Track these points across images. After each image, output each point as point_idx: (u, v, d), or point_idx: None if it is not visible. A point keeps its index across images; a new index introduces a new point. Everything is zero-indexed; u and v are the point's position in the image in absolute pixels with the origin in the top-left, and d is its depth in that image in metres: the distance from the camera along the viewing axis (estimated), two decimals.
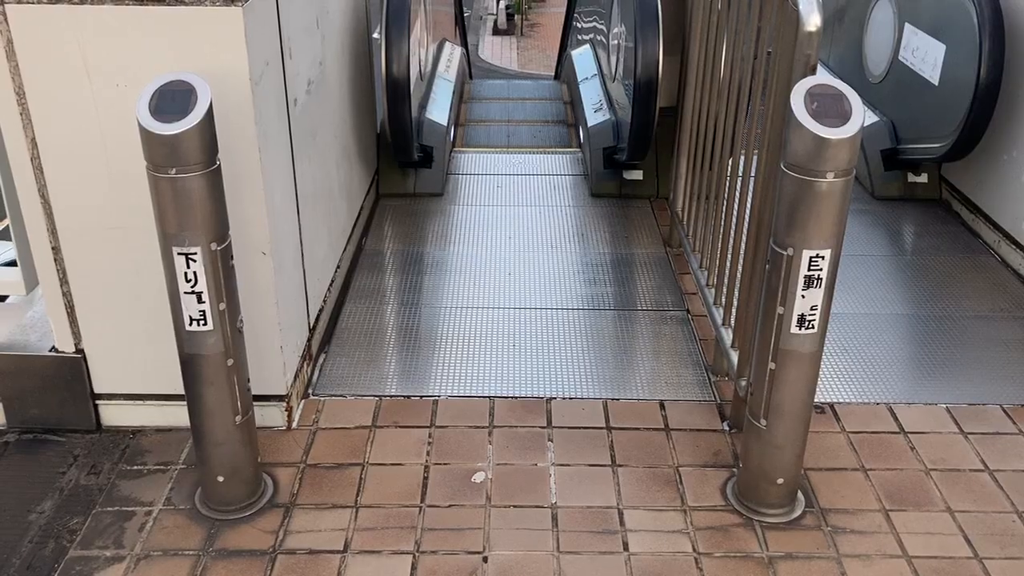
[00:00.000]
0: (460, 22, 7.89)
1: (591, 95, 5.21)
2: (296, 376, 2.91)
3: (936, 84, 4.23)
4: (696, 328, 3.45)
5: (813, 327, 2.30)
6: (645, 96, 3.83)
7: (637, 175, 4.57)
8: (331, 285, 3.46)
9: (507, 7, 34.93)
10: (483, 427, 2.88)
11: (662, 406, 2.99)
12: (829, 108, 2.13)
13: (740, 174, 2.97)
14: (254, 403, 2.55)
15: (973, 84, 3.84)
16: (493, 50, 34.52)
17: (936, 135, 4.20)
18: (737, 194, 2.98)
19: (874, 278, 3.81)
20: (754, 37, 2.84)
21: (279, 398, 2.82)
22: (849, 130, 2.10)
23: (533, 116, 5.90)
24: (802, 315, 2.28)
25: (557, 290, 3.70)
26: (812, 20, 2.26)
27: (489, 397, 3.02)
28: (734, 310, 2.98)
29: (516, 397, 3.02)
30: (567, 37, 8.09)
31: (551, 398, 3.02)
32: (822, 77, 2.19)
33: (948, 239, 4.16)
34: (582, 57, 5.95)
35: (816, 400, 3.01)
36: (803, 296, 2.25)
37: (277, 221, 2.68)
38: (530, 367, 3.18)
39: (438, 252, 4.01)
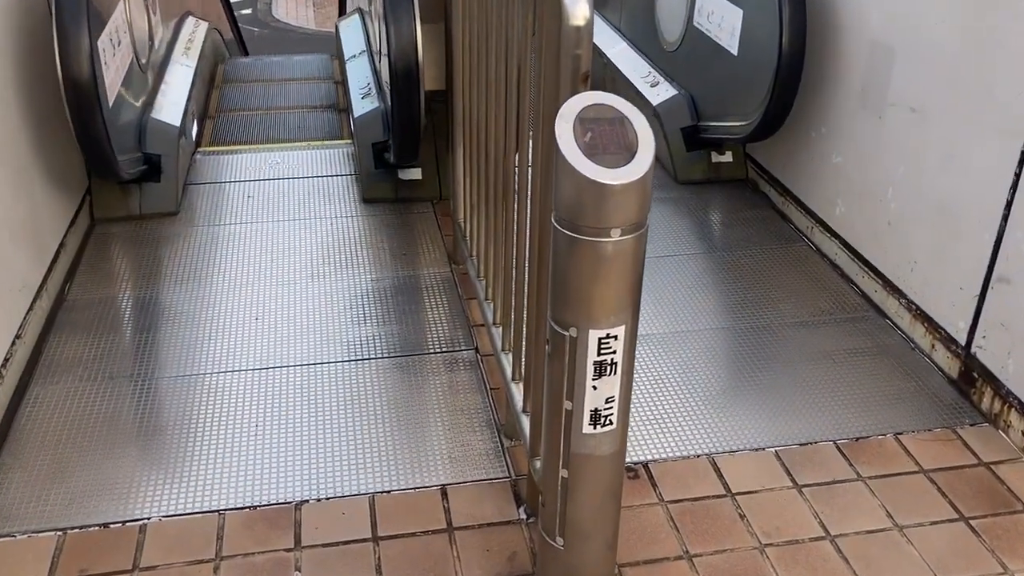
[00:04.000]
0: None
1: (358, 77, 4.47)
2: None
3: (735, 54, 3.79)
4: (486, 372, 2.85)
5: (611, 423, 1.74)
6: (405, 84, 3.15)
7: (415, 174, 3.90)
8: (5, 364, 2.62)
9: None
10: (207, 560, 2.17)
11: (444, 494, 2.39)
12: (608, 139, 1.54)
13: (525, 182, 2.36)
14: None
15: (776, 55, 3.41)
16: (288, 9, 32.55)
17: (739, 112, 3.77)
18: (518, 207, 2.37)
19: (682, 284, 3.34)
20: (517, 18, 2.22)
21: None
22: (637, 170, 1.52)
23: (298, 101, 5.10)
24: (596, 410, 1.71)
25: (316, 337, 3.00)
26: (579, 11, 1.65)
27: (218, 511, 2.31)
28: (523, 362, 2.40)
29: (255, 507, 2.33)
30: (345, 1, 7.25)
31: (302, 502, 2.35)
32: (597, 94, 1.60)
33: (759, 227, 3.77)
34: (349, 29, 5.17)
35: (626, 461, 2.49)
36: (595, 388, 1.68)
37: None
38: (274, 459, 2.48)
39: (166, 295, 3.21)
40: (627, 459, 2.48)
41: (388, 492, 2.39)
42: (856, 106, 3.29)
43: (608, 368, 1.66)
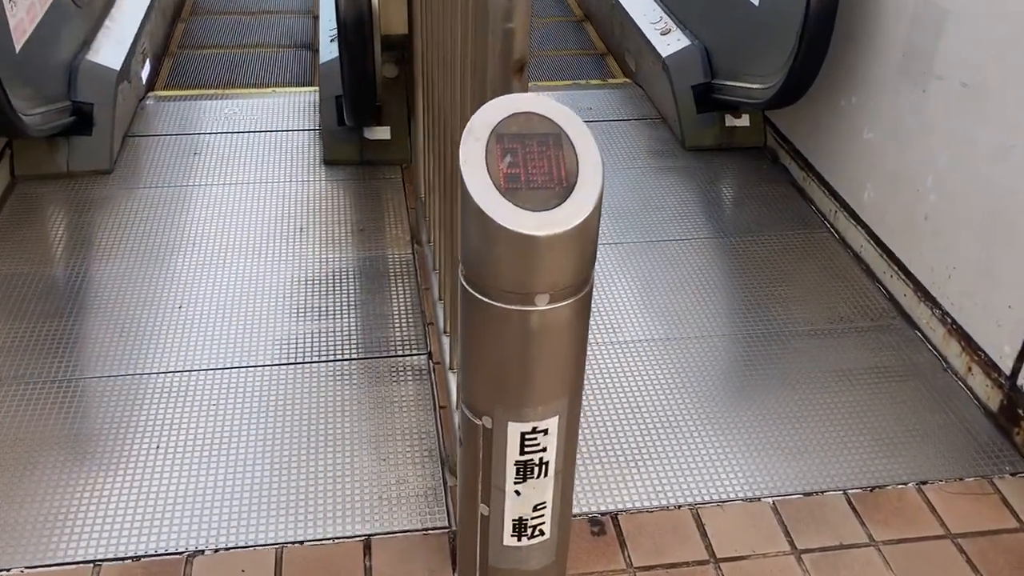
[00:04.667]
0: None
1: (330, 15, 3.95)
2: None
3: (756, 3, 3.25)
4: (437, 385, 2.43)
5: (543, 533, 1.31)
6: (355, 35, 2.65)
7: (383, 133, 3.42)
8: None
9: None
10: None
11: (367, 548, 1.98)
12: (536, 165, 1.07)
13: None
14: None
15: (803, 7, 2.87)
16: None
17: (758, 73, 3.24)
18: None
19: (677, 277, 2.88)
20: None
21: None
22: (574, 213, 1.05)
23: (269, 38, 4.58)
24: (520, 520, 1.28)
25: (244, 333, 2.57)
26: None
27: (93, 562, 1.92)
28: None
29: (138, 558, 1.93)
30: None
31: (195, 553, 1.96)
32: (525, 98, 1.12)
33: (776, 207, 3.27)
34: None
35: (591, 510, 2.08)
36: (518, 493, 1.25)
37: None
38: (169, 494, 2.07)
39: (81, 274, 2.79)
40: (593, 508, 2.08)
41: (300, 543, 1.99)
42: (895, 75, 2.76)
43: (536, 469, 1.22)
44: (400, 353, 2.53)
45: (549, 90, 4.05)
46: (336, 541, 1.99)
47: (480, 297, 1.09)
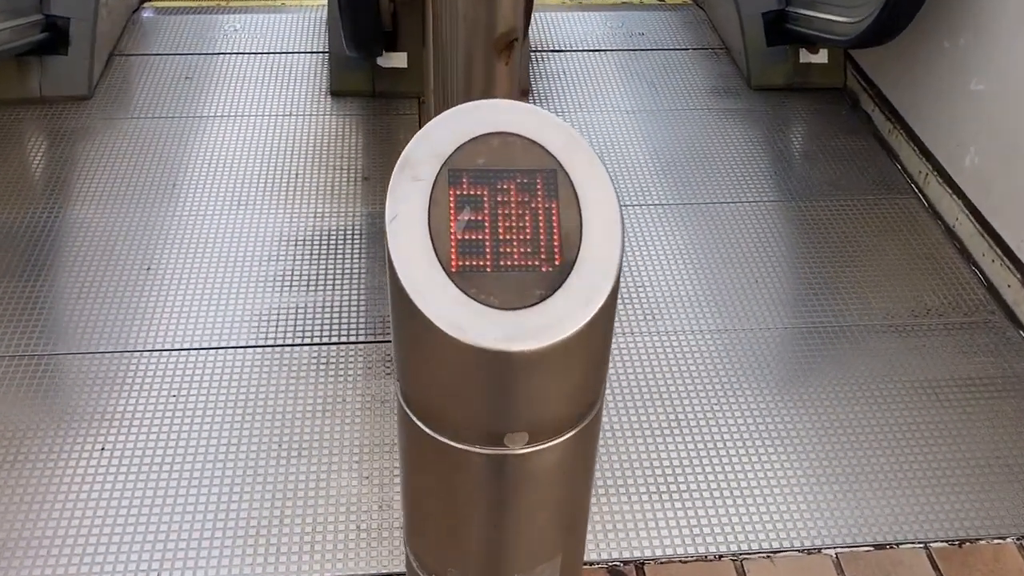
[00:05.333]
0: None
1: None
2: None
3: None
4: None
5: None
6: None
7: (399, 61, 2.96)
8: None
9: None
10: None
11: None
12: (510, 227, 0.65)
13: None
14: None
15: None
16: None
17: (843, 3, 2.70)
18: None
19: (731, 252, 2.42)
20: None
21: None
22: (572, 312, 0.63)
23: None
24: None
25: (215, 305, 2.19)
26: None
27: None
28: None
29: None
30: None
31: None
32: (501, 106, 0.69)
33: (854, 165, 2.78)
34: None
35: (611, 557, 1.71)
36: None
37: None
38: (108, 514, 1.73)
39: (48, 220, 2.42)
40: (613, 555, 1.71)
41: None
42: (1016, 14, 2.22)
43: None
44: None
45: (595, 9, 3.54)
46: None
47: (424, 429, 0.69)
